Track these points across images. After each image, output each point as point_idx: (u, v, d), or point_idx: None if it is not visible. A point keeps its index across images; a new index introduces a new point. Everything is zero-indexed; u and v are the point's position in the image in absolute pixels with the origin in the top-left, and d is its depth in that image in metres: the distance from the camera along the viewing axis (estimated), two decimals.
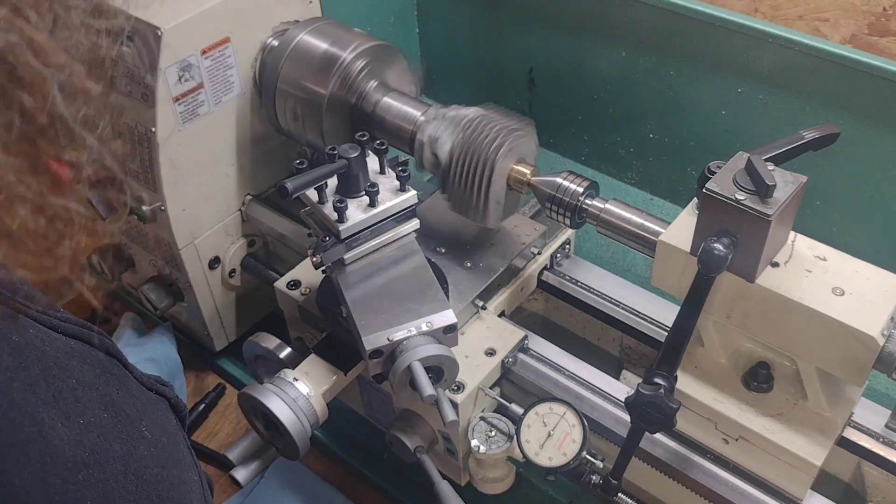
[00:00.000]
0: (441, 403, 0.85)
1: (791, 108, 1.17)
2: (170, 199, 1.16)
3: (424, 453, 1.01)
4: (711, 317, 0.86)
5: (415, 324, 0.88)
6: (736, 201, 0.74)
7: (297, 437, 0.91)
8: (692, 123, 1.30)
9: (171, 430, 0.60)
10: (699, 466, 0.92)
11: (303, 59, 1.13)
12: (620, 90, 1.35)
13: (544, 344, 1.05)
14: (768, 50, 1.14)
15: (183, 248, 1.22)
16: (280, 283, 1.10)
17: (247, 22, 1.14)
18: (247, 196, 1.28)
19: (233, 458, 1.31)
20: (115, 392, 0.54)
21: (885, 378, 0.79)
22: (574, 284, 1.12)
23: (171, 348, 1.39)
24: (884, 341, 0.76)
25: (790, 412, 0.87)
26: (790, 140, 0.81)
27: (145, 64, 1.07)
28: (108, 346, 0.57)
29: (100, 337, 0.57)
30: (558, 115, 1.47)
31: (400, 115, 1.10)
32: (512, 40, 1.46)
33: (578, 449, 0.92)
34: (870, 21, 1.35)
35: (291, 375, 0.94)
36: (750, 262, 0.78)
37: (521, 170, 1.02)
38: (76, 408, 0.51)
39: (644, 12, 1.24)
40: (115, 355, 0.58)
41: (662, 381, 0.81)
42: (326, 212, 0.92)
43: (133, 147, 1.14)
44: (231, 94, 1.16)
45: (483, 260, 1.08)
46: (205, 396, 1.39)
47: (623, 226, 0.95)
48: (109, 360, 0.56)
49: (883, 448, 0.90)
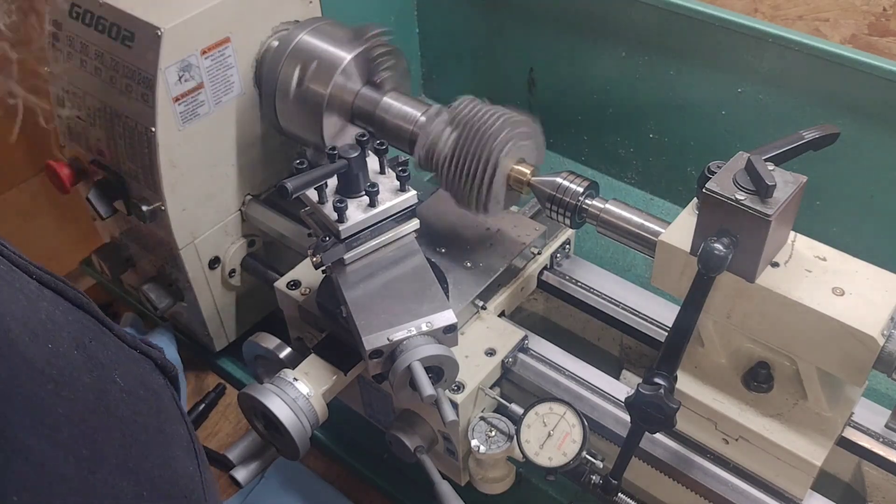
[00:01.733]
0: (441, 403, 0.85)
1: (791, 108, 1.17)
2: (170, 199, 1.16)
3: (424, 453, 1.01)
4: (711, 317, 0.86)
5: (415, 324, 0.88)
6: (736, 201, 0.74)
7: (297, 437, 0.91)
8: (692, 123, 1.30)
9: (153, 386, 0.60)
10: (699, 466, 0.92)
11: (303, 59, 1.13)
12: (620, 90, 1.35)
13: (544, 344, 1.05)
14: (768, 50, 1.14)
15: (183, 248, 1.22)
16: (280, 283, 1.10)
17: (247, 22, 1.14)
18: (247, 196, 1.28)
19: (233, 458, 1.31)
20: (87, 340, 0.55)
21: (885, 378, 0.79)
22: (574, 284, 1.12)
23: (171, 348, 1.39)
24: (884, 341, 0.76)
25: (790, 412, 0.87)
26: (790, 140, 0.81)
27: (145, 64, 1.07)
28: (83, 303, 0.58)
29: (76, 293, 0.57)
30: (558, 115, 1.47)
31: (400, 115, 1.10)
32: (512, 40, 1.46)
33: (578, 449, 0.92)
34: (870, 21, 1.35)
35: (291, 375, 0.94)
36: (750, 262, 0.78)
37: (522, 170, 1.02)
38: (45, 335, 0.52)
39: (644, 12, 1.24)
40: (91, 312, 0.58)
41: (662, 381, 0.81)
42: (326, 212, 0.92)
43: (133, 147, 1.14)
44: (231, 94, 1.16)
45: (483, 260, 1.08)
46: (205, 396, 1.39)
47: (623, 226, 0.95)
48: (85, 316, 0.57)
49: (883, 448, 0.90)
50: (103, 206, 1.22)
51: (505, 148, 0.99)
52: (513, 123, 1.00)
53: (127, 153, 1.16)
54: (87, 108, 1.19)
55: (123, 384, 0.55)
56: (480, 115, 1.00)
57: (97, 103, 1.16)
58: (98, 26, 1.11)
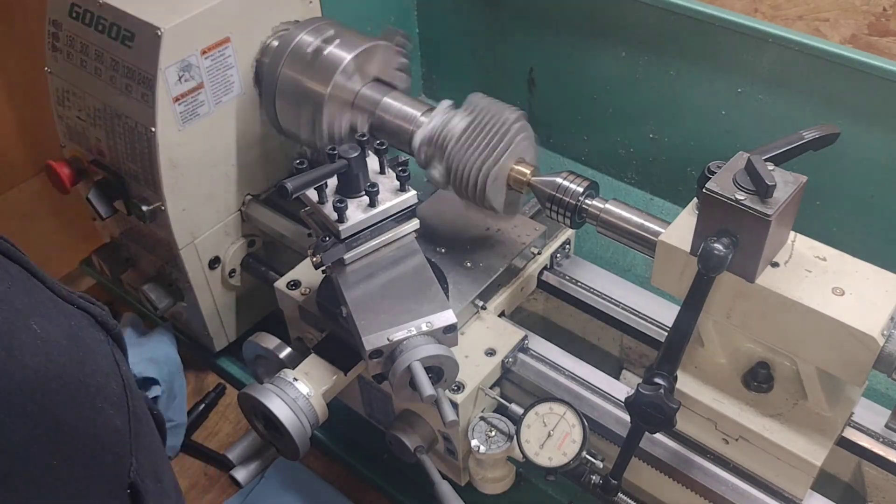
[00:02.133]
0: (441, 403, 0.85)
1: (791, 108, 1.17)
2: (170, 199, 1.16)
3: (424, 453, 1.01)
4: (711, 317, 0.86)
5: (415, 324, 0.88)
6: (736, 201, 0.74)
7: (297, 437, 0.91)
8: (692, 123, 1.30)
9: (86, 340, 0.59)
10: (699, 466, 0.92)
11: (303, 59, 1.13)
12: (620, 90, 1.35)
13: (544, 344, 1.05)
14: (768, 50, 1.14)
15: (183, 248, 1.22)
16: (280, 283, 1.10)
17: (247, 22, 1.14)
18: (247, 196, 1.28)
19: (233, 458, 1.31)
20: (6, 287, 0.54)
21: (885, 378, 0.79)
22: (574, 284, 1.12)
23: (171, 348, 1.39)
24: (884, 341, 0.76)
25: (790, 412, 0.87)
26: (790, 140, 0.81)
27: (145, 63, 1.07)
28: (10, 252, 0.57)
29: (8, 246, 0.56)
30: (558, 115, 1.47)
31: (400, 115, 1.10)
32: (512, 40, 1.46)
33: (578, 449, 0.92)
34: (870, 21, 1.35)
35: (291, 375, 0.94)
36: (750, 262, 0.78)
37: (522, 170, 1.02)
38: None
39: (644, 12, 1.24)
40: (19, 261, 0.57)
41: (662, 381, 0.81)
42: (326, 212, 0.92)
43: (133, 147, 1.14)
44: (231, 94, 1.16)
45: (483, 260, 1.08)
46: (205, 396, 1.39)
47: (623, 226, 0.95)
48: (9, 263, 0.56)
49: (883, 448, 0.90)
50: (103, 206, 1.22)
51: (520, 126, 1.00)
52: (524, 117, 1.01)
53: (127, 153, 1.16)
54: (87, 108, 1.19)
55: (41, 331, 0.54)
56: (494, 103, 1.02)
57: (97, 103, 1.16)
58: (98, 26, 1.11)
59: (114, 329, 0.64)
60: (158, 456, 0.67)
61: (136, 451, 0.60)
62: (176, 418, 1.32)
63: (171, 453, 1.33)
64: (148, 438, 0.64)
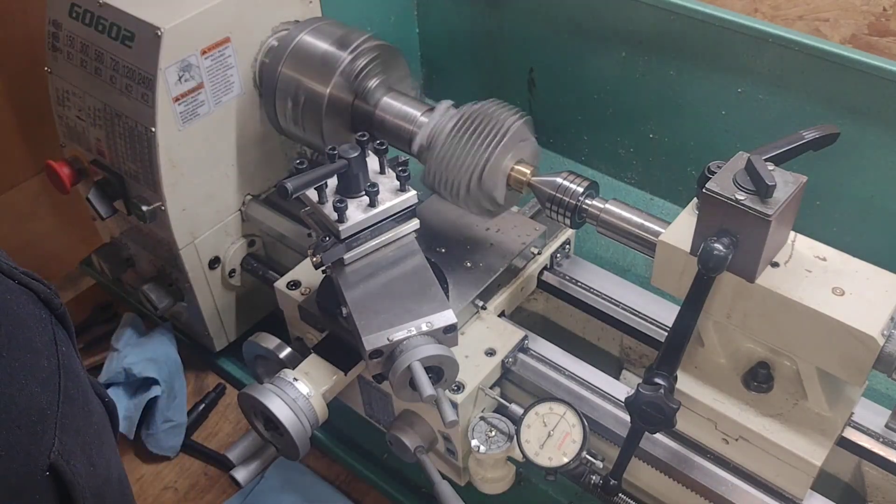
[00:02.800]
0: (441, 403, 0.85)
1: (791, 108, 1.17)
2: (170, 199, 1.16)
3: (424, 453, 1.01)
4: (711, 317, 0.86)
5: (415, 324, 0.88)
6: (736, 201, 0.74)
7: (297, 437, 0.91)
8: (692, 123, 1.30)
9: (21, 315, 0.58)
10: (699, 466, 0.92)
11: (303, 59, 1.13)
12: (620, 90, 1.35)
13: (544, 344, 1.05)
14: (768, 50, 1.14)
15: (183, 248, 1.22)
16: (280, 283, 1.10)
17: (247, 22, 1.14)
18: (247, 196, 1.28)
19: (233, 458, 1.31)
20: None
21: (885, 378, 0.79)
22: (574, 284, 1.12)
23: (171, 348, 1.39)
24: (884, 341, 0.76)
25: (790, 412, 0.87)
26: (790, 140, 0.81)
27: (145, 64, 1.07)
28: None
29: None
30: (558, 115, 1.47)
31: (400, 115, 1.10)
32: (512, 40, 1.46)
33: (578, 449, 0.92)
34: (870, 21, 1.35)
35: (291, 375, 0.94)
36: (750, 262, 0.78)
37: (522, 169, 1.02)
38: None
39: (644, 12, 1.24)
40: None
41: (662, 381, 0.81)
42: (326, 212, 0.92)
43: (133, 147, 1.14)
44: (231, 94, 1.16)
45: (483, 260, 1.08)
46: (205, 396, 1.40)
47: (623, 226, 0.95)
48: None
49: (883, 448, 0.90)
50: (103, 206, 1.22)
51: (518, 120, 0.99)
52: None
53: (127, 153, 1.16)
54: (87, 108, 1.19)
55: None
56: (489, 103, 1.02)
57: (97, 103, 1.16)
58: (98, 26, 1.11)
59: (58, 308, 0.63)
60: (95, 440, 0.64)
61: (62, 433, 0.59)
62: (176, 418, 1.32)
63: (171, 453, 1.33)
64: (82, 421, 0.62)
